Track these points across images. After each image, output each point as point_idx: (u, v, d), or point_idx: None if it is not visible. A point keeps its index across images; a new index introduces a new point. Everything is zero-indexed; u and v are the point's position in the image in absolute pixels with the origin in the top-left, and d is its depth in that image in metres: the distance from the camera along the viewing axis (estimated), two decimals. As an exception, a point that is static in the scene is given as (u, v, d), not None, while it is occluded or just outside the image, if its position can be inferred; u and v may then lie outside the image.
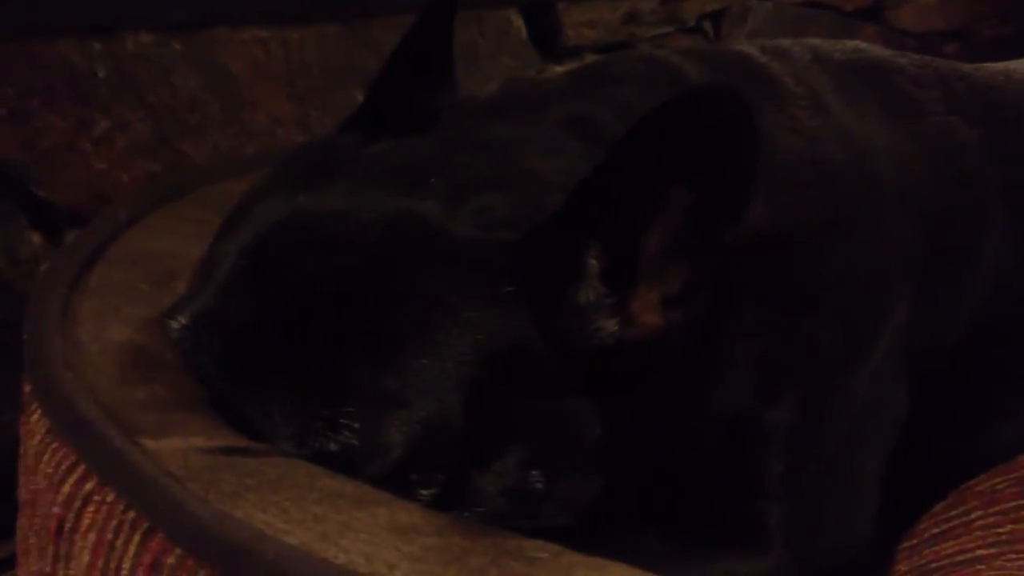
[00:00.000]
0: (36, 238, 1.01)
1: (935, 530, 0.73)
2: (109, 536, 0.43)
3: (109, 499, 0.44)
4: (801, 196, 0.67)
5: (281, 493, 0.42)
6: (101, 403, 0.49)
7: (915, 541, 0.73)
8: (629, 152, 0.52)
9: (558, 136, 0.62)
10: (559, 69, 1.40)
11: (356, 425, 0.51)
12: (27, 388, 0.56)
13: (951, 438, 0.78)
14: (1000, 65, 0.89)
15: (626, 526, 0.60)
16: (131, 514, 0.43)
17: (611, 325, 0.56)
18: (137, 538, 0.42)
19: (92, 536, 0.44)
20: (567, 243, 0.55)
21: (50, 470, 0.48)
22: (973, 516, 0.72)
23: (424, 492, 0.51)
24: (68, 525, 0.45)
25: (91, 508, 0.45)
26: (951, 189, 0.75)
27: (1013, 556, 0.65)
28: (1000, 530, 0.69)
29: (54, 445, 0.49)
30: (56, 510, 0.46)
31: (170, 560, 0.40)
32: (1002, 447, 0.79)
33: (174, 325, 0.57)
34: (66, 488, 0.46)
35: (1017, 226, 0.76)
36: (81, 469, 0.47)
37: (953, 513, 0.73)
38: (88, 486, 0.46)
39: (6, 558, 0.64)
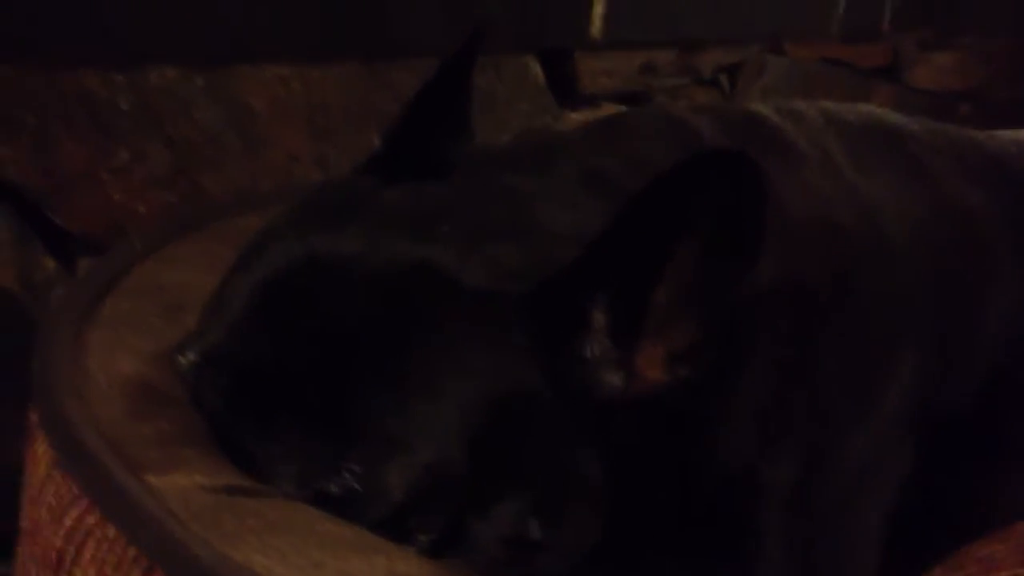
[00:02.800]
0: (50, 264, 1.02)
1: (933, 595, 0.72)
2: (109, 572, 0.43)
3: (111, 534, 0.44)
4: (810, 257, 0.67)
5: (281, 537, 0.42)
6: (107, 436, 0.49)
7: (913, 606, 0.72)
8: (640, 211, 0.52)
9: (571, 189, 0.63)
10: (576, 116, 1.42)
11: (358, 468, 0.51)
12: (33, 418, 0.57)
13: (957, 503, 0.77)
14: (1010, 134, 0.90)
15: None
16: (132, 551, 0.43)
17: (616, 379, 0.56)
18: (137, 575, 0.42)
19: (92, 571, 0.44)
20: (575, 297, 0.55)
21: (53, 501, 0.49)
22: (971, 583, 0.71)
23: (422, 537, 0.52)
24: (69, 558, 0.45)
25: (92, 542, 0.45)
26: (961, 256, 0.75)
27: (1011, 626, 0.64)
28: (999, 599, 0.68)
29: (58, 477, 0.50)
30: (57, 542, 0.46)
31: (168, 599, 0.40)
32: (1010, 514, 0.78)
33: (183, 361, 0.58)
34: (68, 521, 0.46)
35: None
36: (84, 502, 0.47)
37: (952, 579, 0.72)
38: (90, 520, 0.46)
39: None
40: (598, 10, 1.43)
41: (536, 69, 1.40)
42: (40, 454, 0.53)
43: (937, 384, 0.72)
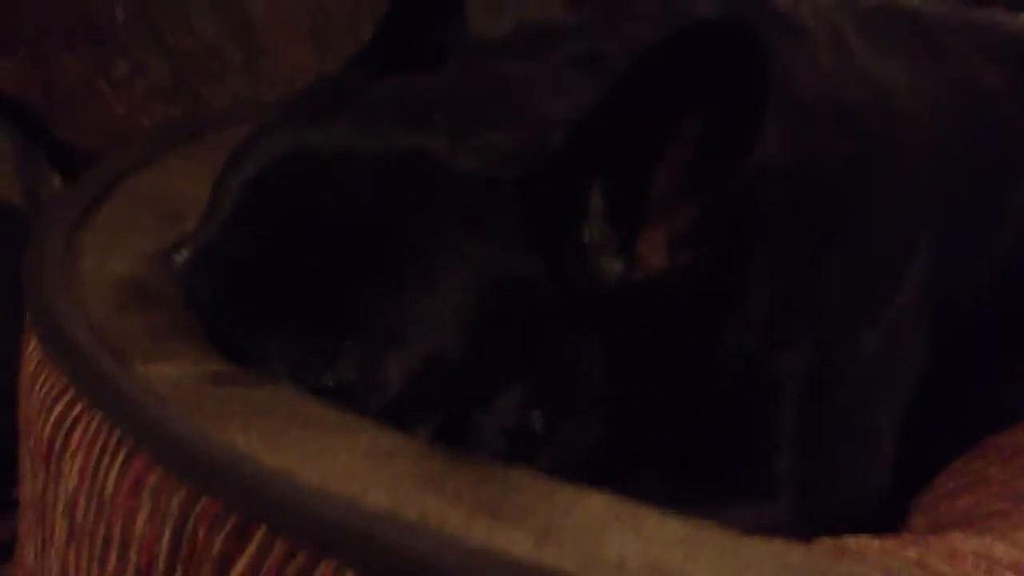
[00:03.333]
0: (56, 180, 1.02)
1: (952, 484, 0.71)
2: (95, 457, 0.43)
3: (96, 421, 0.44)
4: (818, 135, 0.65)
5: (265, 417, 0.42)
6: (94, 328, 0.49)
7: (932, 495, 0.72)
8: (633, 84, 0.50)
9: (568, 74, 0.61)
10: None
11: (354, 360, 0.50)
12: (27, 316, 0.57)
13: (975, 392, 0.76)
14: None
15: (629, 472, 0.60)
16: (116, 435, 0.43)
17: (616, 266, 0.55)
18: (121, 458, 0.42)
19: (80, 458, 0.44)
20: (570, 180, 0.54)
21: (43, 394, 0.49)
22: (991, 471, 0.70)
23: (422, 429, 0.51)
24: (58, 447, 0.46)
25: (79, 430, 0.45)
26: (976, 135, 0.72)
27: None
28: (1018, 485, 0.67)
29: (47, 370, 0.50)
30: (47, 433, 0.47)
31: (152, 479, 0.40)
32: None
33: (177, 258, 0.57)
34: (57, 411, 0.46)
35: None
36: (71, 392, 0.47)
37: (972, 467, 0.72)
38: (77, 409, 0.46)
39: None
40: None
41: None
42: (31, 350, 0.53)
43: (953, 275, 0.70)
